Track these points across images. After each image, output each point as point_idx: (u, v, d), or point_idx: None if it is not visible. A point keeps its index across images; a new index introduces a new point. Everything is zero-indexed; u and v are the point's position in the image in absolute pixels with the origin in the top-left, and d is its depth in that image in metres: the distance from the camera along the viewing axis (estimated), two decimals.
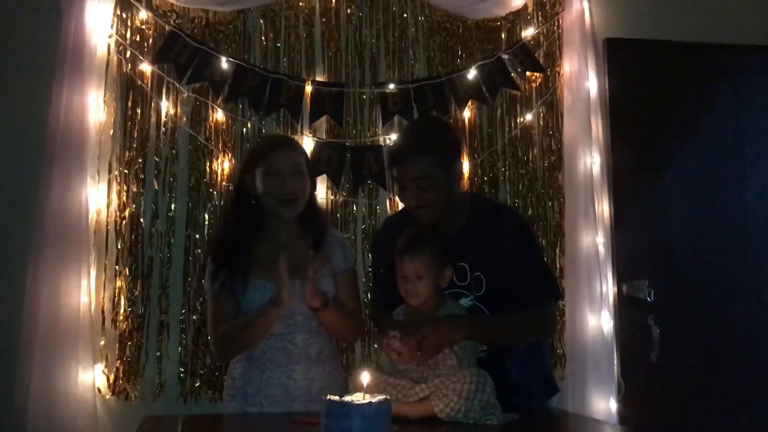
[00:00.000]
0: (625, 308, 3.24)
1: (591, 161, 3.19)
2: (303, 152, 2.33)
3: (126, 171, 3.00)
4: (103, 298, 2.92)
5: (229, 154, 3.08)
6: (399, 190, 2.20)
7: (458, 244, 2.13)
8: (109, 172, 2.98)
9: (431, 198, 2.10)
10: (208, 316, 2.29)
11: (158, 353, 2.96)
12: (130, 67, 3.04)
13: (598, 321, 3.10)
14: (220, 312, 2.19)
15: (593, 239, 3.14)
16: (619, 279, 3.25)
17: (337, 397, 1.52)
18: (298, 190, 2.20)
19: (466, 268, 2.14)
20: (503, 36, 3.34)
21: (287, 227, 2.26)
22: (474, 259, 2.14)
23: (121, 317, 2.93)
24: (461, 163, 2.23)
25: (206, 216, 3.04)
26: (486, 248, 2.14)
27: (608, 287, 3.18)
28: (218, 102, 3.09)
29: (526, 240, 2.24)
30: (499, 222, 2.21)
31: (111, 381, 2.91)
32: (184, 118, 3.08)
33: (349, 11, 3.25)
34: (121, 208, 2.98)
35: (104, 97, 3.00)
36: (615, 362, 3.15)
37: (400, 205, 2.47)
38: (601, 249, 3.17)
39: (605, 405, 3.08)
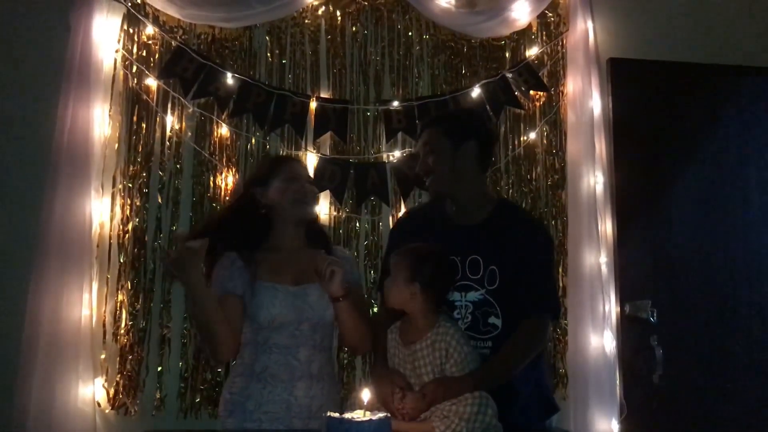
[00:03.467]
0: (627, 328, 3.22)
1: (594, 180, 3.19)
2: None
3: (130, 185, 3.01)
4: (105, 311, 2.93)
5: (233, 169, 3.09)
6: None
7: (475, 236, 2.16)
8: (113, 185, 3.00)
9: (430, 164, 2.20)
10: None
11: (159, 368, 2.95)
12: (136, 81, 3.06)
13: (601, 341, 3.09)
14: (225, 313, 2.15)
15: (596, 258, 3.14)
16: (622, 299, 3.23)
17: (337, 414, 1.51)
18: (314, 194, 2.33)
19: (480, 260, 2.16)
20: (507, 55, 3.36)
21: (293, 239, 2.29)
22: (490, 252, 2.16)
23: (122, 331, 2.93)
24: (481, 150, 2.23)
25: None
26: (503, 245, 2.16)
27: (611, 307, 3.17)
28: (223, 117, 3.11)
29: (545, 248, 2.26)
30: (521, 224, 2.25)
31: (111, 395, 2.90)
32: (189, 133, 3.09)
33: (354, 29, 3.28)
34: (125, 221, 2.99)
35: (110, 111, 3.02)
36: (617, 383, 3.12)
37: None
38: (604, 268, 3.16)
39: (607, 426, 3.05)
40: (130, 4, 3.08)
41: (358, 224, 3.17)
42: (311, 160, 3.11)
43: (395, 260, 2.06)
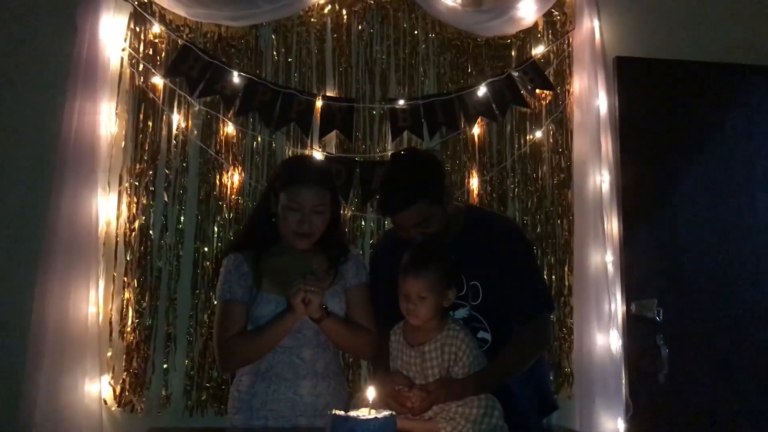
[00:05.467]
0: (633, 327, 3.21)
1: (600, 179, 3.19)
2: (330, 184, 2.22)
3: (136, 183, 3.02)
4: (111, 309, 2.93)
5: (239, 168, 3.09)
6: (399, 229, 2.15)
7: (453, 254, 2.11)
8: (120, 183, 3.01)
9: (433, 231, 2.10)
10: (214, 323, 2.23)
11: (165, 366, 2.96)
12: (142, 80, 3.07)
13: (607, 340, 3.08)
14: (227, 319, 2.15)
15: (602, 257, 3.13)
16: (628, 298, 3.23)
17: (342, 412, 1.51)
18: (315, 227, 2.15)
19: (462, 277, 2.13)
20: (513, 53, 3.36)
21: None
22: (469, 268, 2.13)
23: (129, 329, 2.94)
24: (448, 185, 2.21)
25: (215, 229, 3.05)
26: (481, 258, 2.13)
27: (617, 306, 3.16)
28: (229, 116, 3.11)
29: (520, 249, 2.22)
30: (493, 231, 2.21)
31: (117, 392, 2.91)
32: (195, 131, 3.10)
33: (360, 27, 3.27)
34: (131, 219, 3.00)
35: (116, 109, 3.03)
36: (623, 382, 3.12)
37: None
38: (610, 267, 3.15)
39: (613, 425, 3.05)
40: (136, 2, 3.08)
41: (363, 223, 3.17)
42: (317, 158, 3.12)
43: (420, 278, 1.96)
